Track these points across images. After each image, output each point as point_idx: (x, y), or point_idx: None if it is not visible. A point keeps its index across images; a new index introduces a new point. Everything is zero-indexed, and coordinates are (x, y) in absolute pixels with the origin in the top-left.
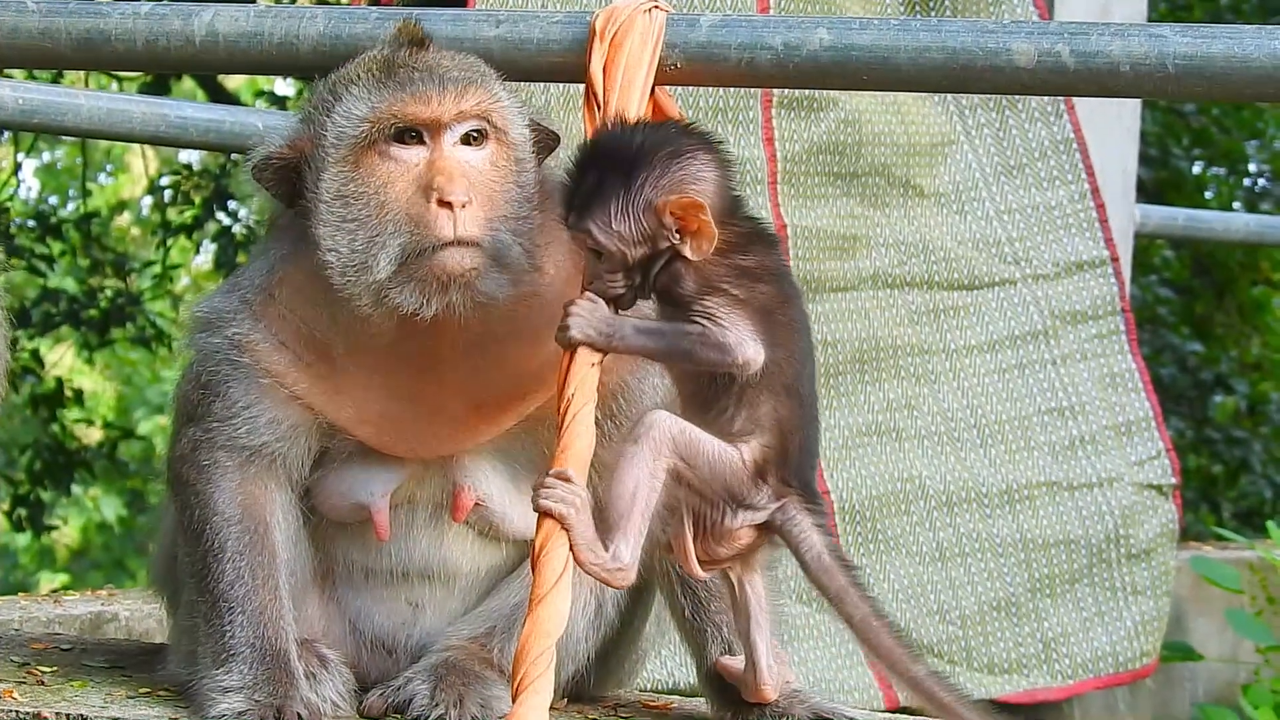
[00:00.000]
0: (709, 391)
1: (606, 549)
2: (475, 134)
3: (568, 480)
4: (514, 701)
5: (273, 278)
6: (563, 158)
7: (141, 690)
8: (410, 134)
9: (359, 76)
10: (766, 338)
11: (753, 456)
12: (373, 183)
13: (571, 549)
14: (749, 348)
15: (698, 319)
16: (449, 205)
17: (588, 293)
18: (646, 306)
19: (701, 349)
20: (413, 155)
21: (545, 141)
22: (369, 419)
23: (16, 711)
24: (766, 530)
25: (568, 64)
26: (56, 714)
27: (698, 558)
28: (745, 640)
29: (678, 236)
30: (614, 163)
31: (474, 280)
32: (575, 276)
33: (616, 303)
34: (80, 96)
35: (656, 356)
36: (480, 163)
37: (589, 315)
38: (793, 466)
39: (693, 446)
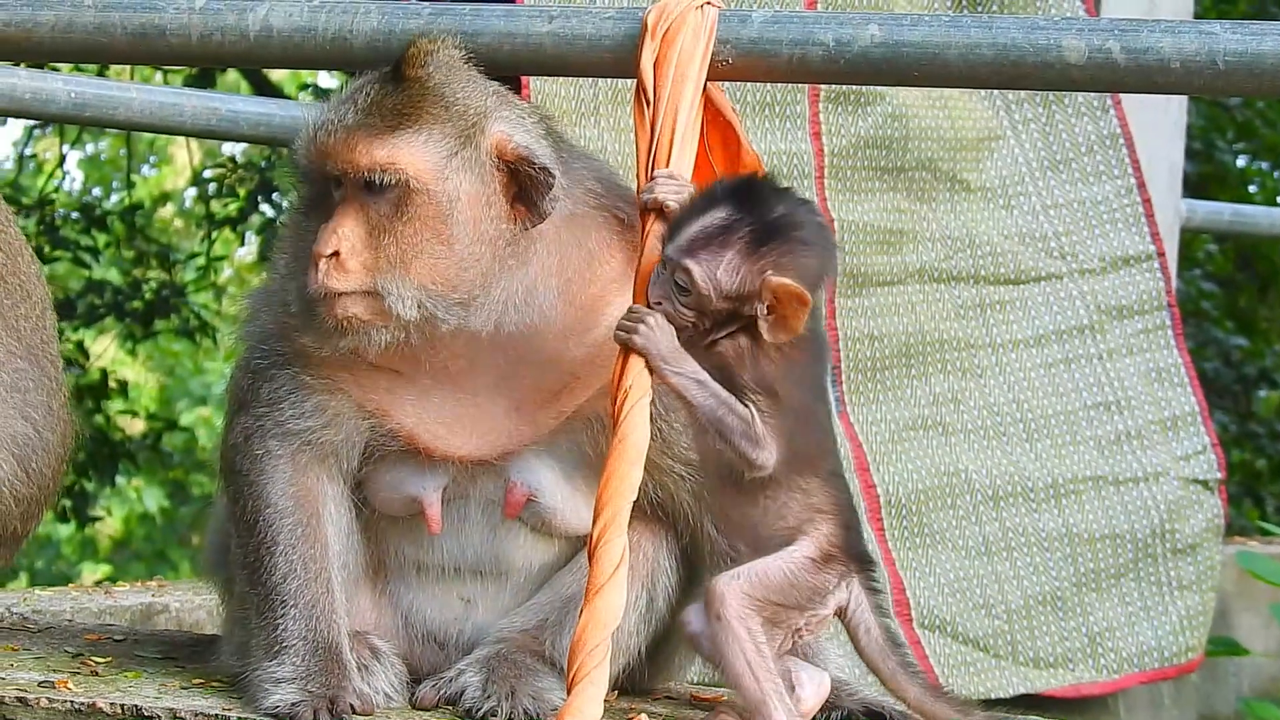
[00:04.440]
0: (746, 480)
1: None
2: (380, 183)
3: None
4: (569, 693)
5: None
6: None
7: (195, 681)
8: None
9: (329, 102)
10: (795, 434)
11: (819, 546)
12: (302, 217)
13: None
14: (770, 455)
15: (748, 403)
16: (317, 256)
17: (659, 311)
18: None
19: (738, 432)
20: (336, 194)
21: (535, 180)
22: (404, 423)
23: (71, 702)
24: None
25: (619, 60)
26: (111, 704)
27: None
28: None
29: (765, 312)
30: (750, 218)
31: (361, 329)
32: (624, 278)
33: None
34: (132, 90)
35: (695, 411)
36: (385, 209)
37: (659, 333)
38: (853, 543)
39: (768, 586)
